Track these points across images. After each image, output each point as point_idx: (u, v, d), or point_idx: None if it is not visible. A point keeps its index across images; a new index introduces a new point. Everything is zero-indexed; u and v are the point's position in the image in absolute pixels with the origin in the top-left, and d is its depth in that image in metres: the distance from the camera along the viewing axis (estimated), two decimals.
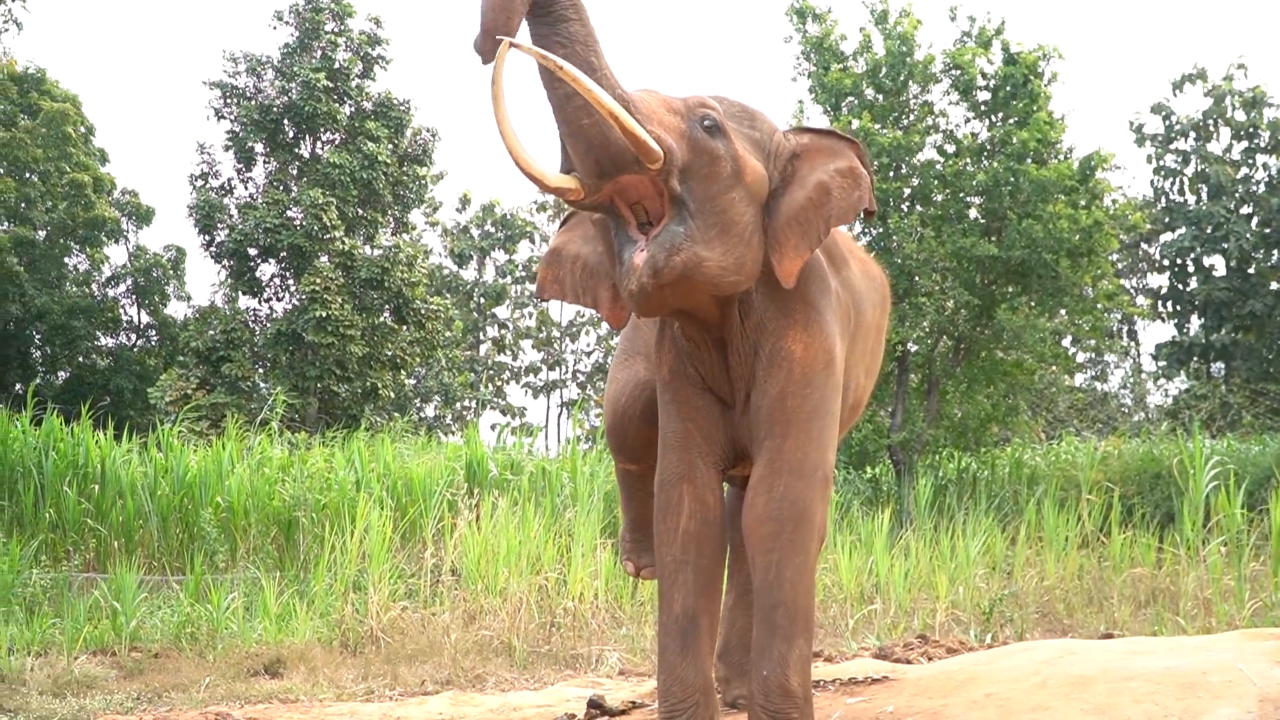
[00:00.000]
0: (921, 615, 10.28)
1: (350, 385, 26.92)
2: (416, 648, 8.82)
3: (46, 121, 30.90)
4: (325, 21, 28.77)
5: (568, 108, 3.51)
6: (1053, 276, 19.87)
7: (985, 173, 19.93)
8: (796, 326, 3.99)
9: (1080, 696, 4.31)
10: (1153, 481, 19.57)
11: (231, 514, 12.72)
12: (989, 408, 21.25)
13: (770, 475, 3.95)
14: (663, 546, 4.02)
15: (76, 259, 32.23)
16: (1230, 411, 29.59)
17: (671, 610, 3.97)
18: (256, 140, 28.53)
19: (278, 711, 6.06)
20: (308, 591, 10.22)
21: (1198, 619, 8.66)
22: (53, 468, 12.55)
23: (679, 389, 4.07)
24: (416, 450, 16.04)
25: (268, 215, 27.41)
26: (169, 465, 13.08)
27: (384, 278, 27.67)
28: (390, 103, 29.28)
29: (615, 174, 3.56)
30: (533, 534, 10.62)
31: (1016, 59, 20.33)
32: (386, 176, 28.66)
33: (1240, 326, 34.27)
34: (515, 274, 42.85)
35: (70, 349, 30.97)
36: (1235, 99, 35.86)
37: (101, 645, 8.94)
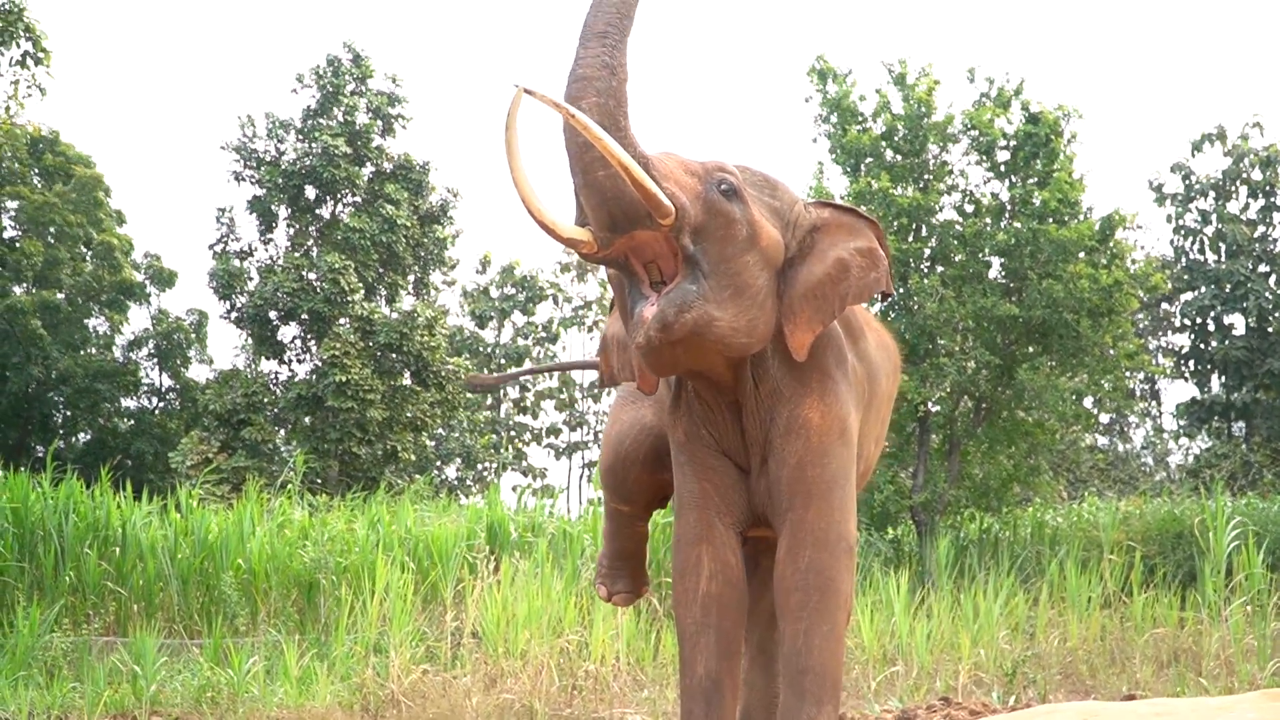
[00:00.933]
0: (944, 677, 10.23)
1: (371, 448, 26.89)
2: (438, 712, 8.80)
3: (78, 187, 31.09)
4: (346, 83, 28.88)
5: (584, 158, 3.51)
6: (1074, 336, 19.86)
7: (1005, 233, 19.93)
8: (813, 395, 4.00)
9: None
10: (1174, 541, 19.48)
11: (252, 576, 12.73)
12: (1010, 468, 21.18)
13: (795, 547, 3.96)
14: (683, 608, 3.99)
15: (97, 321, 32.32)
16: (1251, 470, 29.48)
17: (694, 674, 3.96)
18: (278, 203, 28.65)
19: None
20: (328, 654, 10.20)
21: (1220, 679, 8.61)
22: (73, 530, 12.54)
23: (694, 451, 4.05)
24: (437, 512, 16.04)
25: (287, 279, 27.47)
26: (189, 528, 13.09)
27: (403, 341, 27.63)
28: (410, 164, 29.34)
29: (628, 229, 3.56)
30: (553, 596, 10.60)
31: (1038, 118, 20.39)
32: (406, 239, 28.73)
33: (1260, 385, 34.22)
34: (536, 335, 42.86)
35: (92, 412, 31.05)
36: (1252, 158, 35.95)
37: (122, 710, 8.93)
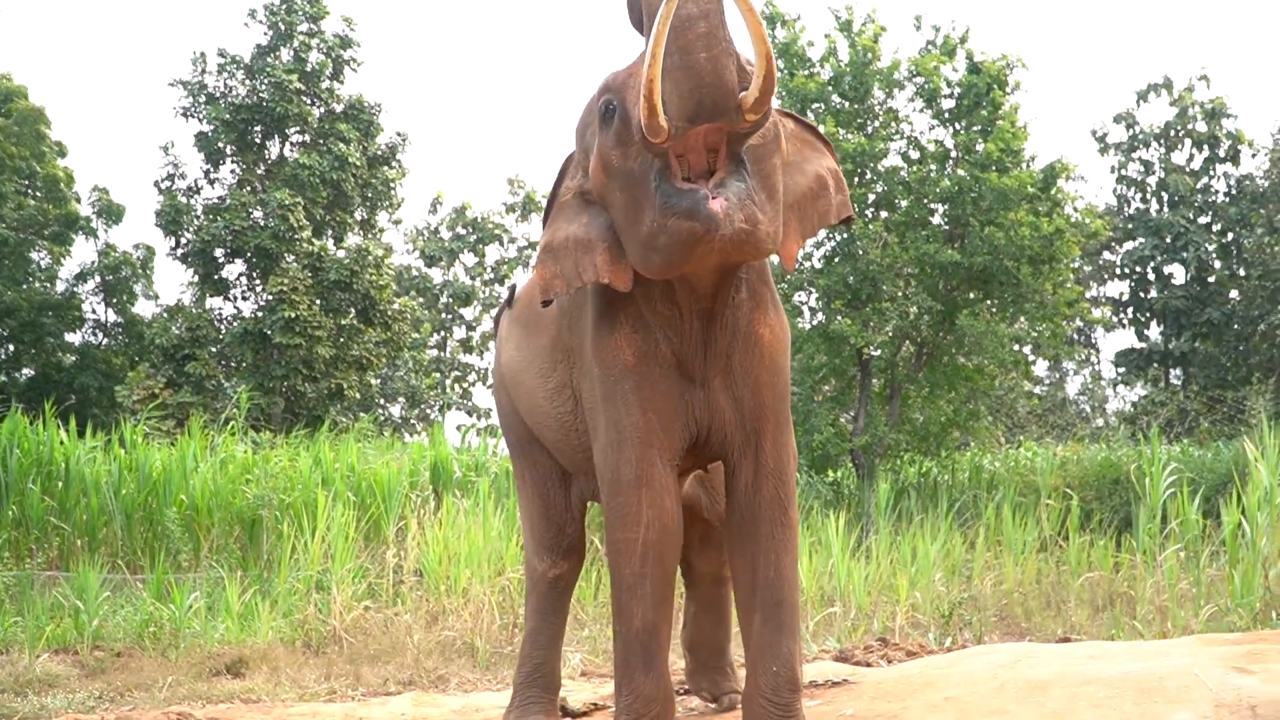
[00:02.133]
0: (881, 618, 10.30)
1: (316, 385, 26.82)
2: (379, 648, 8.79)
3: (18, 119, 30.83)
4: (298, 22, 28.73)
5: (690, 33, 3.29)
6: (1014, 283, 19.99)
7: (949, 180, 20.04)
8: (762, 310, 3.95)
9: (1037, 701, 4.31)
10: (1111, 487, 19.66)
11: (195, 513, 12.66)
12: (950, 413, 21.34)
13: (759, 479, 3.95)
14: (621, 558, 3.93)
15: (40, 255, 32.01)
16: (1188, 418, 29.76)
17: (632, 625, 3.92)
18: (225, 140, 28.42)
19: (240, 712, 6.02)
20: (271, 591, 10.16)
21: (1154, 623, 8.68)
22: (17, 465, 12.45)
23: (645, 373, 3.88)
24: (381, 450, 15.99)
25: (235, 217, 27.35)
26: (133, 463, 13.02)
27: (352, 279, 27.55)
28: (361, 105, 29.26)
29: (707, 119, 3.38)
30: (494, 535, 10.60)
31: (980, 68, 20.46)
32: (355, 178, 28.64)
33: (1198, 334, 34.55)
34: (484, 276, 42.92)
35: (35, 346, 30.80)
36: (1197, 109, 36.16)
37: (64, 644, 8.88)
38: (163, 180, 28.73)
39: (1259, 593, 7.79)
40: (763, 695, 3.85)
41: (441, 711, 5.84)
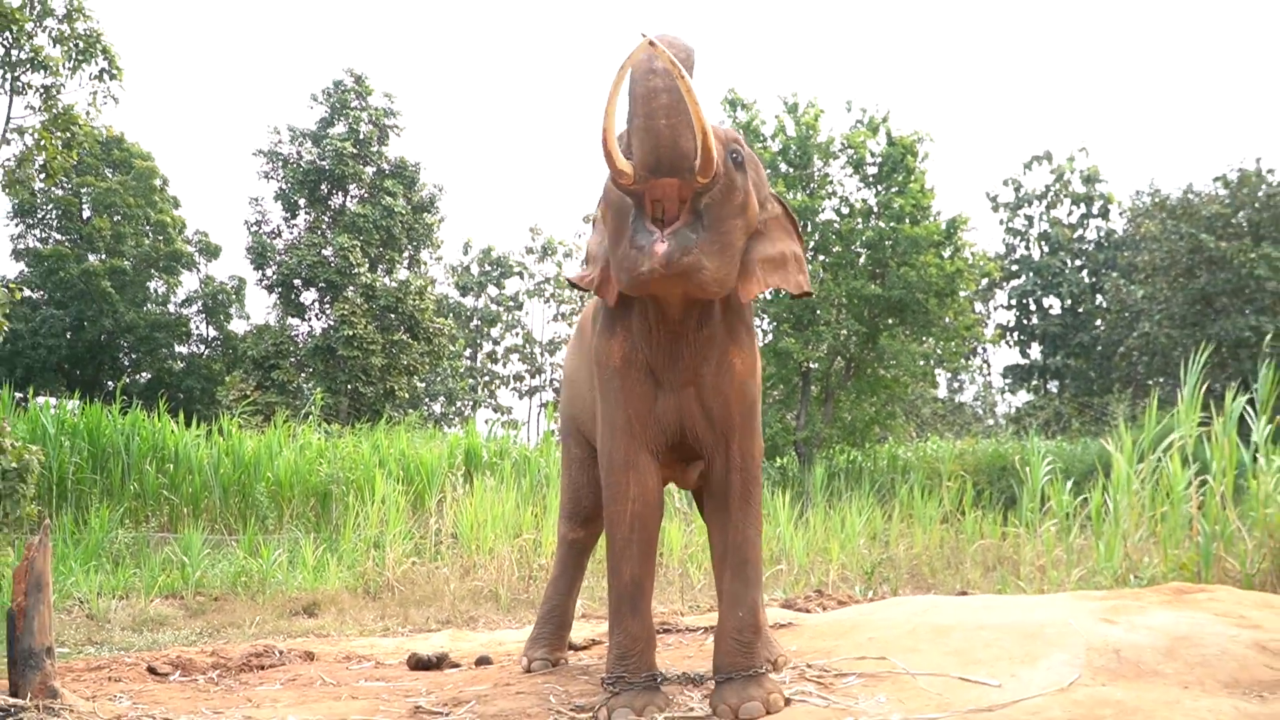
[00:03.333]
0: (817, 574, 10.31)
1: (373, 388, 26.89)
2: (423, 594, 8.78)
3: (137, 176, 30.96)
4: (350, 99, 28.93)
5: (651, 104, 3.32)
6: (923, 312, 20.15)
7: (872, 230, 20.22)
8: (737, 344, 3.95)
9: (942, 641, 4.31)
10: (999, 473, 19.69)
11: (279, 487, 12.69)
12: (872, 413, 21.48)
13: (729, 471, 3.95)
14: (614, 526, 3.93)
15: (156, 284, 32.10)
16: (1061, 419, 29.84)
17: (621, 578, 3.93)
18: (299, 195, 28.70)
19: (313, 644, 6.01)
20: (338, 549, 10.15)
21: (1034, 582, 8.68)
22: (136, 449, 12.43)
23: (627, 375, 3.87)
24: (425, 439, 15.98)
25: (308, 255, 27.63)
26: (230, 448, 13.00)
27: (399, 304, 27.92)
28: (404, 165, 29.39)
29: (665, 174, 3.39)
30: (514, 506, 10.60)
31: (897, 141, 20.62)
32: (402, 224, 28.73)
33: (1070, 353, 34.73)
34: (506, 303, 43.25)
35: (151, 356, 30.80)
36: (1077, 175, 36.49)
37: (172, 591, 8.85)
38: (252, 225, 28.90)
39: (1119, 559, 7.79)
40: (729, 635, 3.85)
41: (472, 644, 5.84)
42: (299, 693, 4.47)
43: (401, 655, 5.45)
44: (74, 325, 29.39)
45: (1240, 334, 22.97)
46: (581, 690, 4.25)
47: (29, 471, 8.02)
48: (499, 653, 5.41)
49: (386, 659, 5.43)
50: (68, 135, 8.93)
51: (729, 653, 3.87)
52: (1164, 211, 27.22)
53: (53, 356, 28.95)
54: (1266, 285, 23.65)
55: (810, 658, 4.42)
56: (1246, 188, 25.55)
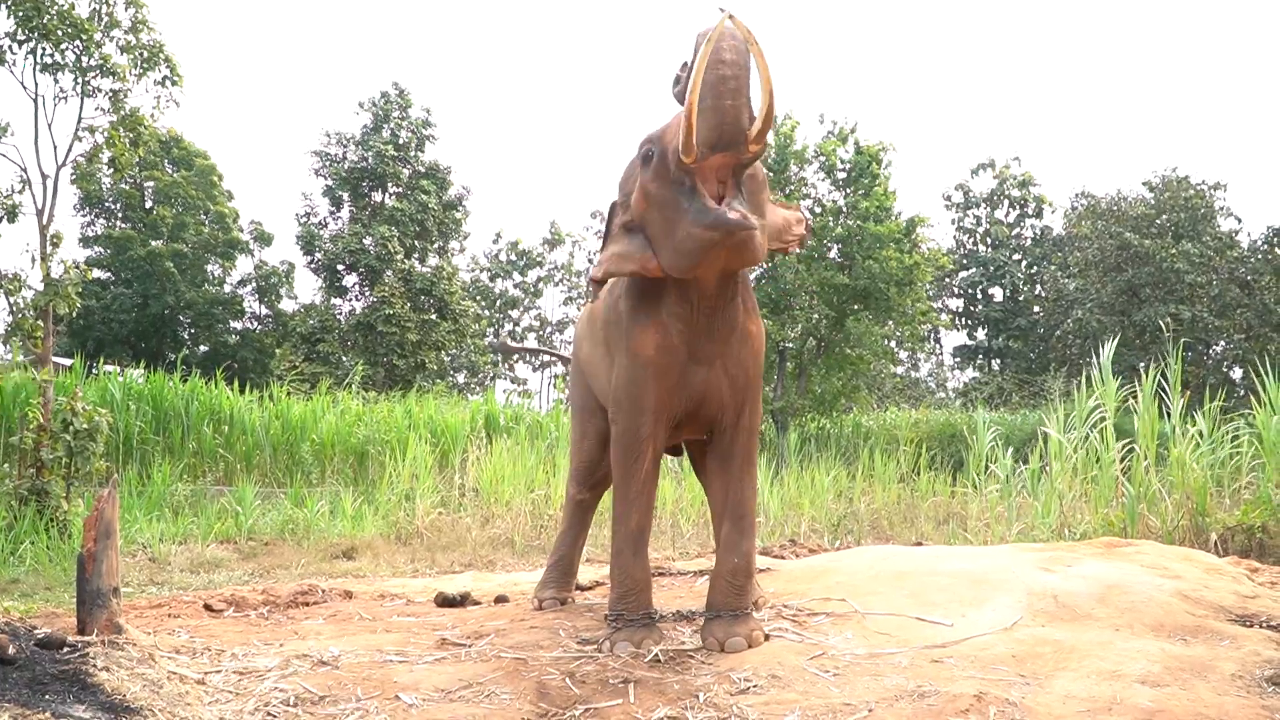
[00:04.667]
0: (791, 526, 10.29)
1: (406, 360, 26.93)
2: (448, 541, 8.76)
3: (199, 172, 30.91)
4: (393, 110, 28.92)
5: (721, 86, 3.28)
6: (885, 299, 20.11)
7: (841, 228, 20.13)
8: (751, 315, 3.92)
9: (902, 585, 4.30)
10: (949, 440, 19.68)
11: (322, 446, 12.65)
12: (839, 386, 21.44)
13: (736, 435, 3.94)
14: (628, 481, 3.89)
15: (214, 267, 32.04)
16: (1004, 394, 29.83)
17: (628, 525, 3.90)
18: (344, 191, 28.69)
19: (351, 584, 5.98)
20: (374, 500, 10.11)
21: (980, 534, 8.68)
22: (195, 412, 12.38)
23: (661, 361, 3.80)
24: (451, 406, 15.94)
25: (351, 243, 27.63)
26: (279, 412, 12.96)
27: (432, 288, 27.96)
28: (437, 168, 29.39)
29: (725, 149, 3.34)
30: (529, 463, 10.58)
31: (864, 150, 20.54)
32: (434, 219, 28.75)
33: (1011, 336, 34.70)
34: (527, 289, 43.35)
35: (209, 330, 30.73)
36: (1013, 181, 36.44)
37: (227, 537, 8.81)
38: (301, 216, 28.93)
39: (1054, 516, 7.77)
40: (724, 578, 3.83)
41: (491, 585, 5.81)
42: (339, 626, 4.44)
43: (430, 594, 5.42)
44: (139, 303, 29.27)
45: (1161, 320, 22.97)
46: (587, 625, 4.23)
47: (98, 432, 7.94)
48: (515, 592, 5.38)
49: (416, 597, 5.40)
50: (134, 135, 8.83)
51: (722, 592, 3.85)
52: (1095, 214, 27.18)
53: (121, 330, 28.86)
54: (1185, 278, 23.63)
55: (786, 599, 4.39)
56: (1169, 192, 25.51)
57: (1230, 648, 3.46)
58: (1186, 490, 6.87)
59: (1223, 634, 3.60)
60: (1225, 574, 4.35)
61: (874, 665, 3.41)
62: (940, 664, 3.40)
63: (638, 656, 3.64)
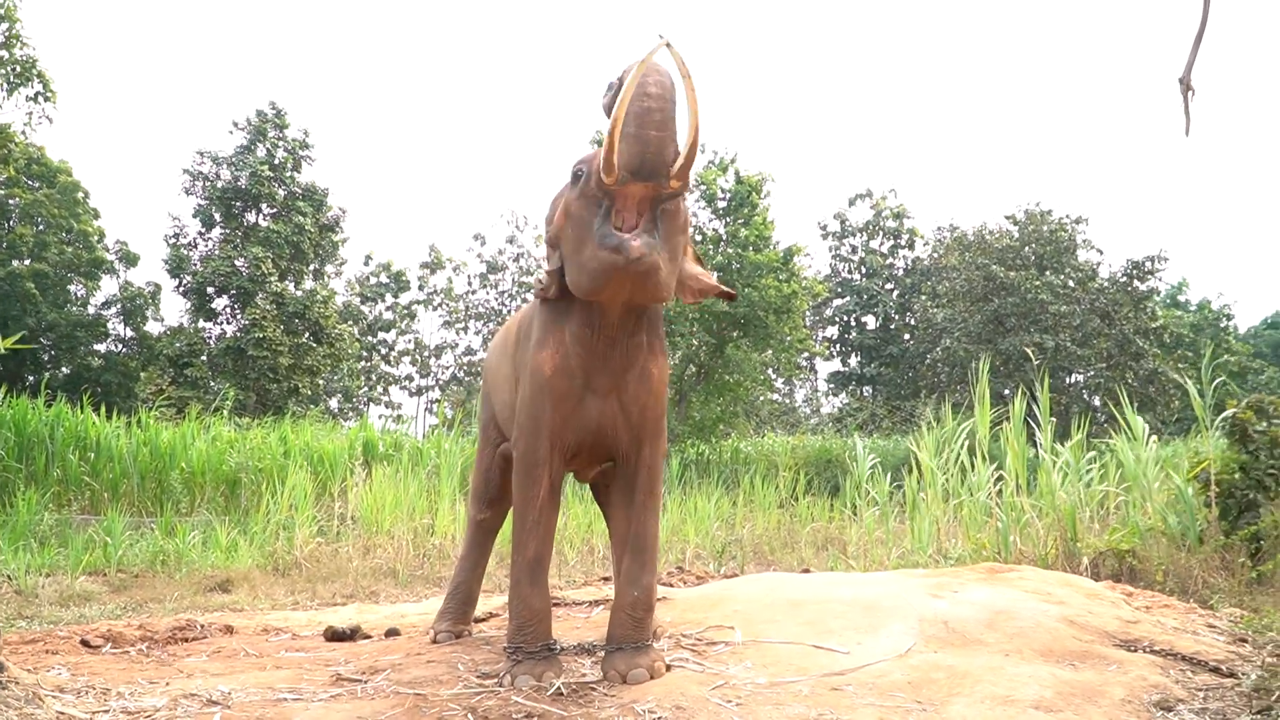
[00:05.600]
0: (675, 553, 10.31)
1: (279, 385, 26.33)
2: (328, 571, 8.55)
3: (61, 189, 29.84)
4: (269, 129, 28.32)
5: (647, 117, 3.29)
6: (764, 327, 20.40)
7: (722, 255, 20.33)
8: (656, 355, 3.91)
9: (797, 613, 4.34)
10: (825, 465, 20.06)
11: (193, 474, 12.24)
12: (719, 412, 21.65)
13: (638, 470, 3.90)
14: (524, 508, 3.86)
15: (77, 287, 30.91)
16: (876, 419, 30.50)
17: (525, 554, 3.86)
18: (216, 211, 27.97)
19: (231, 618, 5.78)
20: (248, 531, 9.82)
21: (860, 559, 8.80)
22: (60, 439, 11.91)
23: (557, 384, 3.78)
24: (327, 432, 15.61)
25: (222, 265, 26.98)
26: (147, 439, 12.51)
27: (305, 311, 27.41)
28: (314, 189, 28.85)
29: (648, 177, 3.35)
30: (410, 492, 10.41)
31: (744, 180, 20.83)
32: (310, 241, 28.22)
33: (884, 363, 35.51)
34: (400, 311, 42.70)
35: (71, 353, 29.62)
36: (889, 212, 37.38)
37: (96, 569, 8.47)
38: (170, 236, 28.13)
39: (930, 540, 7.95)
40: (624, 610, 3.81)
41: (378, 616, 5.69)
42: (225, 663, 4.30)
43: (315, 628, 5.28)
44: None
45: (1025, 349, 23.81)
46: (486, 659, 4.17)
47: None
48: (404, 624, 5.28)
49: (302, 631, 5.26)
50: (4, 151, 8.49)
51: (622, 625, 3.83)
52: (962, 245, 28.08)
53: None
54: (1049, 308, 24.54)
55: (684, 628, 4.40)
56: (1032, 225, 26.49)
57: (1118, 672, 3.59)
58: (1057, 515, 7.11)
59: (1109, 659, 3.74)
60: (1105, 599, 4.51)
61: (776, 694, 3.44)
62: (840, 692, 3.45)
63: (540, 690, 3.60)
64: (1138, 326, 24.91)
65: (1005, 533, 7.20)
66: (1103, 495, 7.67)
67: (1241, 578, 5.99)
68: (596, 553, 10.04)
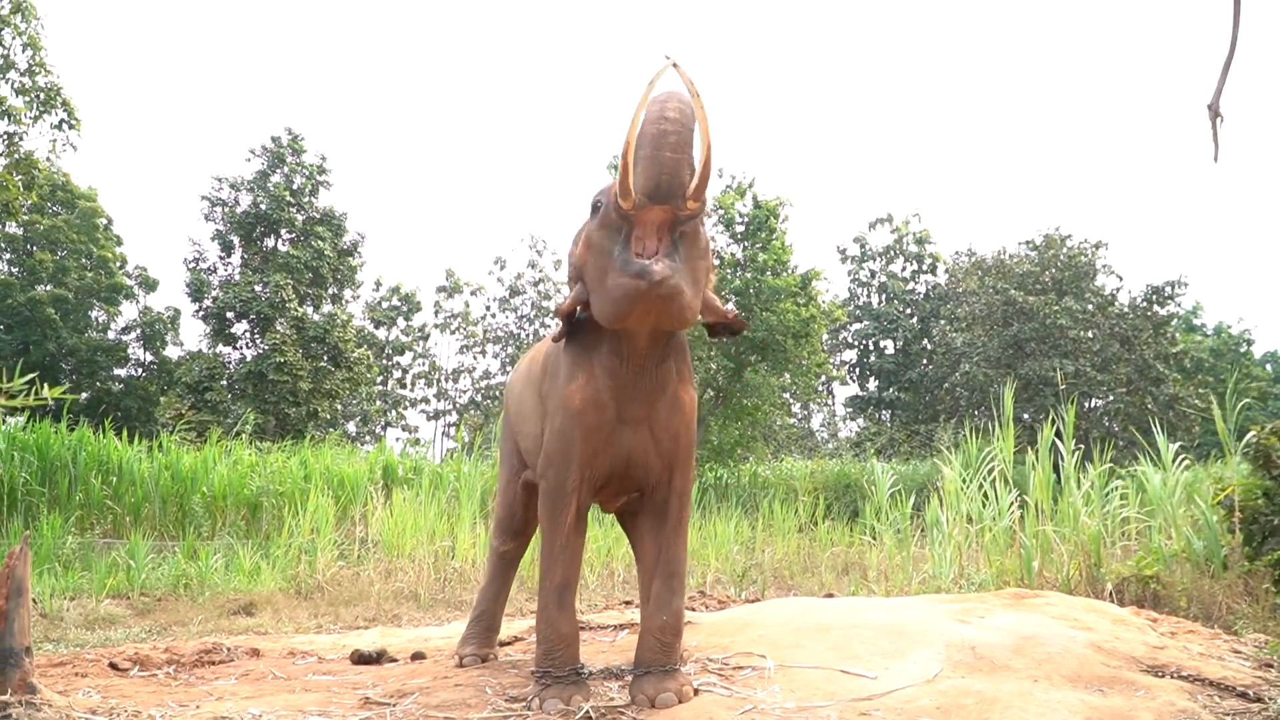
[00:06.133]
0: (696, 578, 10.30)
1: (298, 409, 26.44)
2: (350, 595, 8.58)
3: (81, 215, 30.14)
4: (286, 155, 28.56)
5: (662, 140, 3.33)
6: (782, 351, 20.42)
7: (740, 280, 20.38)
8: (685, 382, 3.94)
9: (824, 638, 4.34)
10: (844, 489, 20.01)
11: (214, 498, 12.31)
12: (737, 436, 21.61)
13: (669, 498, 3.94)
14: (552, 535, 3.88)
15: (98, 313, 31.21)
16: (895, 444, 30.43)
17: (553, 580, 3.88)
18: (236, 236, 28.16)
19: (256, 641, 5.81)
20: (270, 554, 9.86)
21: (880, 584, 8.77)
22: (83, 463, 11.99)
23: (587, 416, 3.79)
24: (347, 456, 15.68)
25: (242, 290, 27.18)
26: (169, 463, 12.60)
27: (325, 336, 27.54)
28: (332, 214, 29.01)
29: (662, 200, 3.38)
30: (431, 515, 10.45)
31: (761, 204, 20.89)
32: (329, 265, 28.37)
33: (902, 388, 35.46)
34: (414, 335, 42.87)
35: (92, 378, 29.90)
36: (910, 236, 37.41)
37: (119, 592, 8.53)
38: (189, 261, 28.26)
39: (952, 566, 7.93)
40: (653, 634, 3.83)
41: (401, 640, 5.71)
42: (254, 686, 4.33)
43: (340, 651, 5.31)
44: (19, 349, 28.32)
45: (1045, 374, 23.74)
46: (513, 682, 4.19)
47: None
48: (429, 648, 5.31)
49: (327, 654, 5.29)
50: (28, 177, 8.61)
51: (650, 649, 3.85)
52: (981, 270, 28.06)
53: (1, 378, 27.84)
54: (1068, 333, 24.48)
55: (710, 652, 4.41)
56: (1051, 249, 26.47)
57: (1146, 698, 3.59)
58: (1080, 541, 7.09)
59: (1137, 684, 3.74)
60: (1131, 625, 4.50)
61: (803, 719, 3.45)
62: (867, 716, 3.45)
63: (568, 714, 3.62)
64: (1157, 351, 24.83)
65: (1029, 558, 7.18)
66: (1124, 521, 7.64)
67: (1266, 604, 5.96)
68: (617, 576, 10.05)
